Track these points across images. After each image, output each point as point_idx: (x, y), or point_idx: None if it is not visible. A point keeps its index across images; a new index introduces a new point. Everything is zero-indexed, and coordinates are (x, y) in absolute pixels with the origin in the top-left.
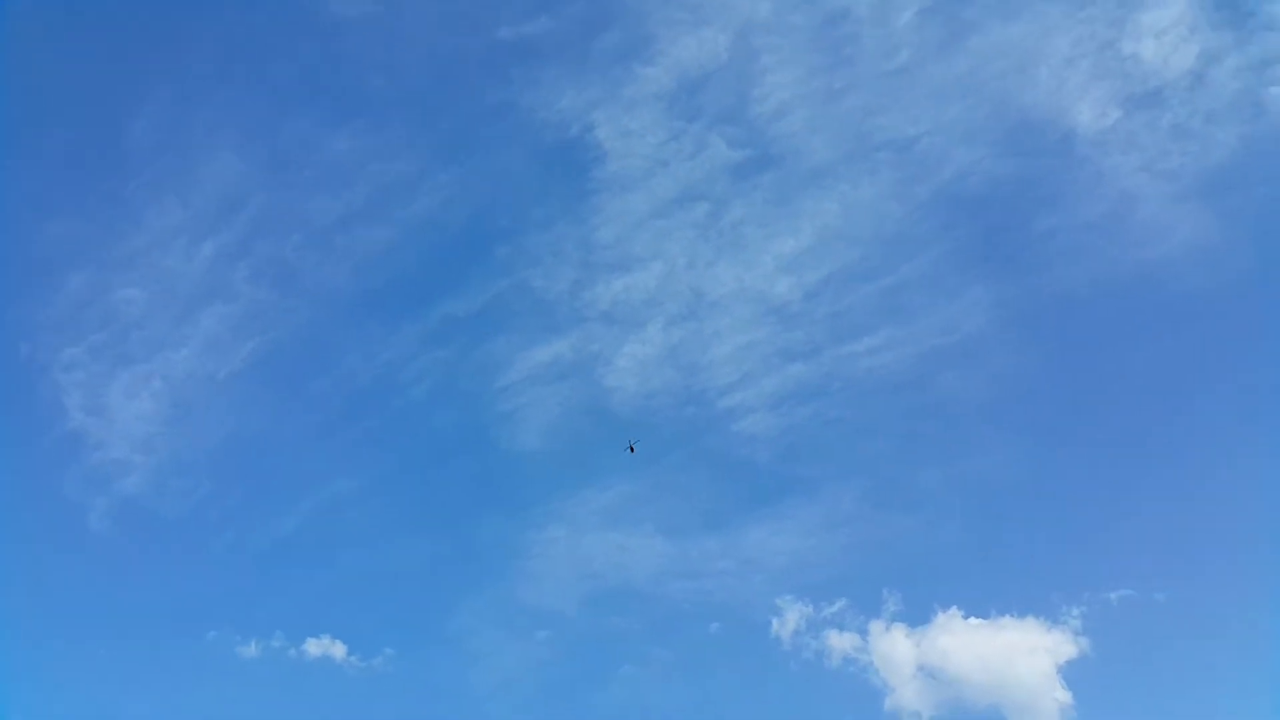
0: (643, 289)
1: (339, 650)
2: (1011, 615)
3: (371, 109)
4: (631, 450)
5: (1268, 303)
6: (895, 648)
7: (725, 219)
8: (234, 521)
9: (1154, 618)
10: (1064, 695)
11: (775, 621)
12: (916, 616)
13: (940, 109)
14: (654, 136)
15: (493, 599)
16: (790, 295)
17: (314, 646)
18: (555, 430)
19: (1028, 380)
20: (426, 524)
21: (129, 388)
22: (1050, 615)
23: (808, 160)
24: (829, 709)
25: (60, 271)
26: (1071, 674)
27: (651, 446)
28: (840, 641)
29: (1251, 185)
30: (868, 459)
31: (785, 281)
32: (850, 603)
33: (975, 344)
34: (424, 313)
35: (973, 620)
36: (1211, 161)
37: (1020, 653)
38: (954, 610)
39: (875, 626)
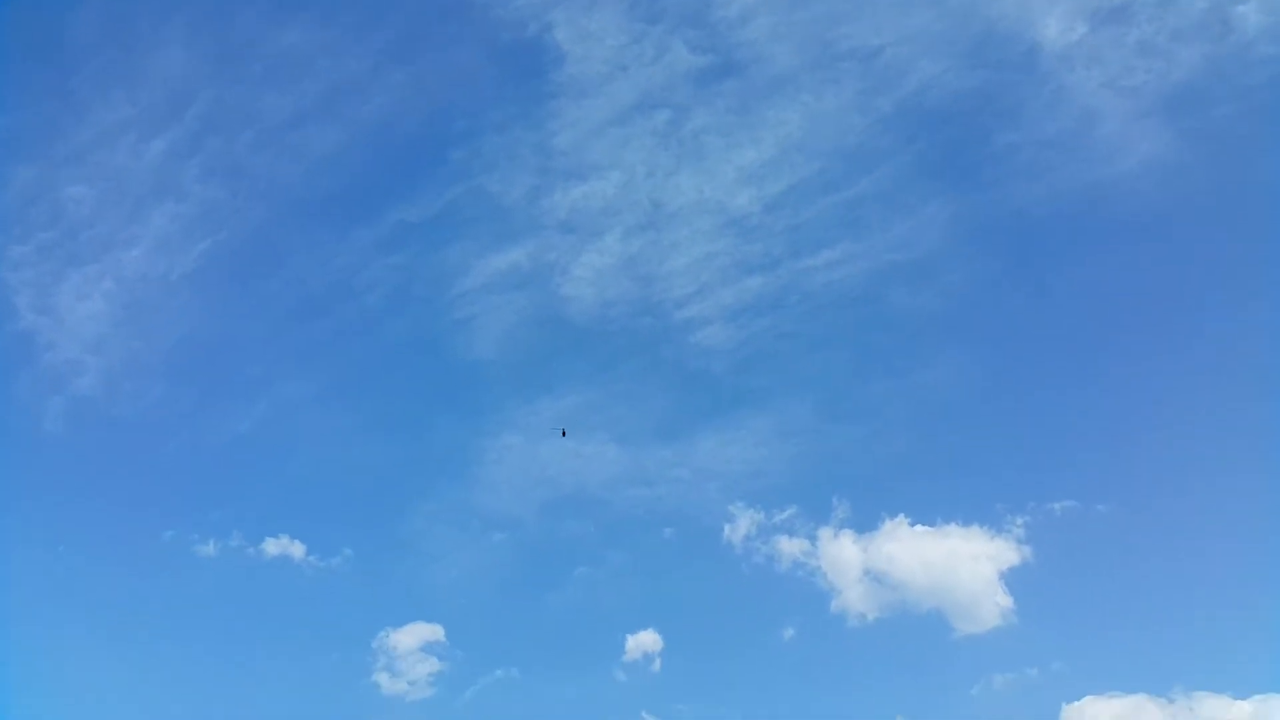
0: (601, 197)
1: (297, 550)
2: (957, 523)
3: (322, 2)
4: (564, 434)
5: (1224, 221)
6: (843, 553)
7: (686, 127)
8: (189, 422)
9: (1095, 528)
10: (1005, 600)
11: (727, 527)
12: (864, 523)
13: (906, 18)
14: (614, 39)
15: (449, 502)
16: (750, 207)
17: (272, 546)
18: (511, 338)
19: (981, 295)
20: (382, 428)
21: (79, 288)
22: (994, 524)
23: (771, 68)
24: (778, 609)
25: (5, 166)
26: (1013, 580)
27: (607, 356)
28: (790, 547)
29: (1214, 104)
30: (821, 371)
31: (745, 193)
32: (800, 510)
33: (931, 259)
34: (377, 217)
35: (919, 528)
36: (1175, 79)
37: (964, 559)
38: (901, 518)
39: (824, 533)
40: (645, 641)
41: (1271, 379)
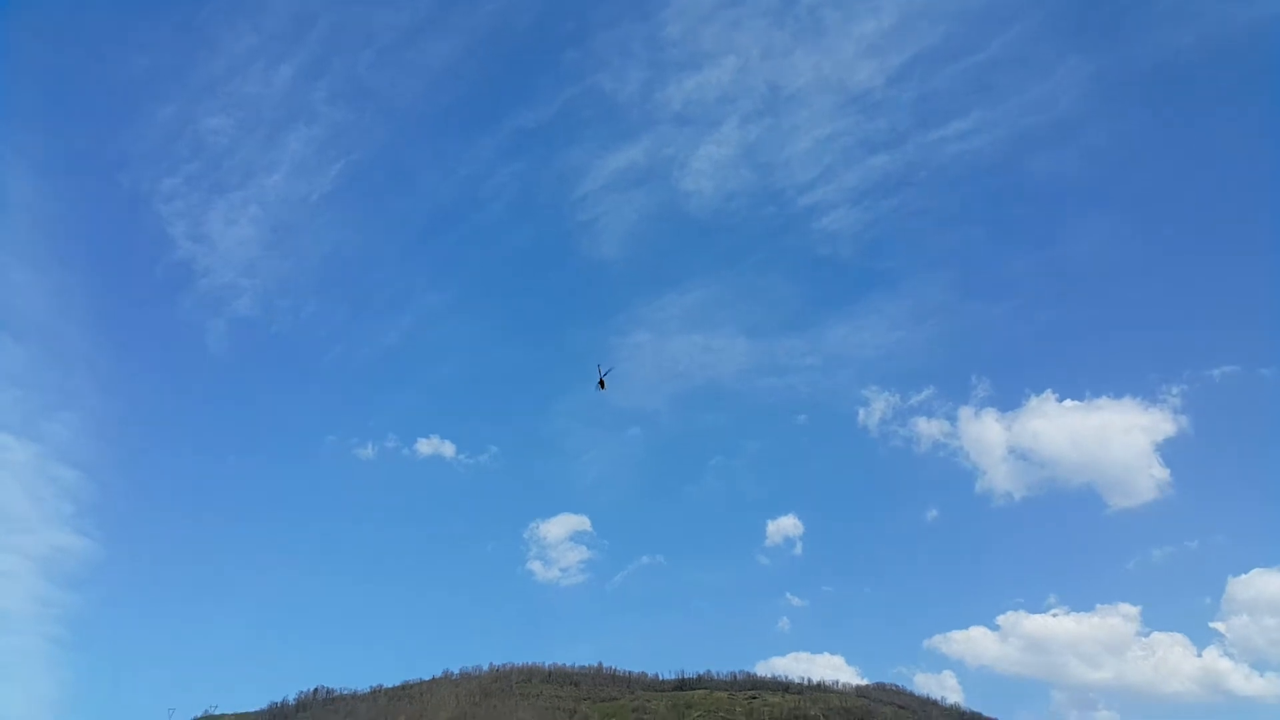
0: (716, 86)
1: (448, 449)
2: (1108, 396)
3: None
4: (601, 385)
5: None
6: (986, 432)
7: (801, 3)
8: (341, 336)
9: (1259, 393)
10: (1161, 472)
11: (862, 411)
12: (1007, 401)
13: None
14: None
15: (586, 400)
16: (872, 82)
17: (425, 446)
18: (634, 237)
19: (1127, 156)
20: (518, 331)
21: (228, 214)
22: (1148, 394)
23: None
24: (919, 492)
25: (147, 104)
26: (1170, 451)
27: (731, 249)
28: (929, 428)
29: None
30: (955, 248)
31: (867, 67)
32: (938, 390)
33: (1071, 120)
34: (497, 125)
35: (1067, 402)
36: None
37: (1115, 432)
38: (1047, 393)
39: (964, 412)
40: (786, 526)
41: None
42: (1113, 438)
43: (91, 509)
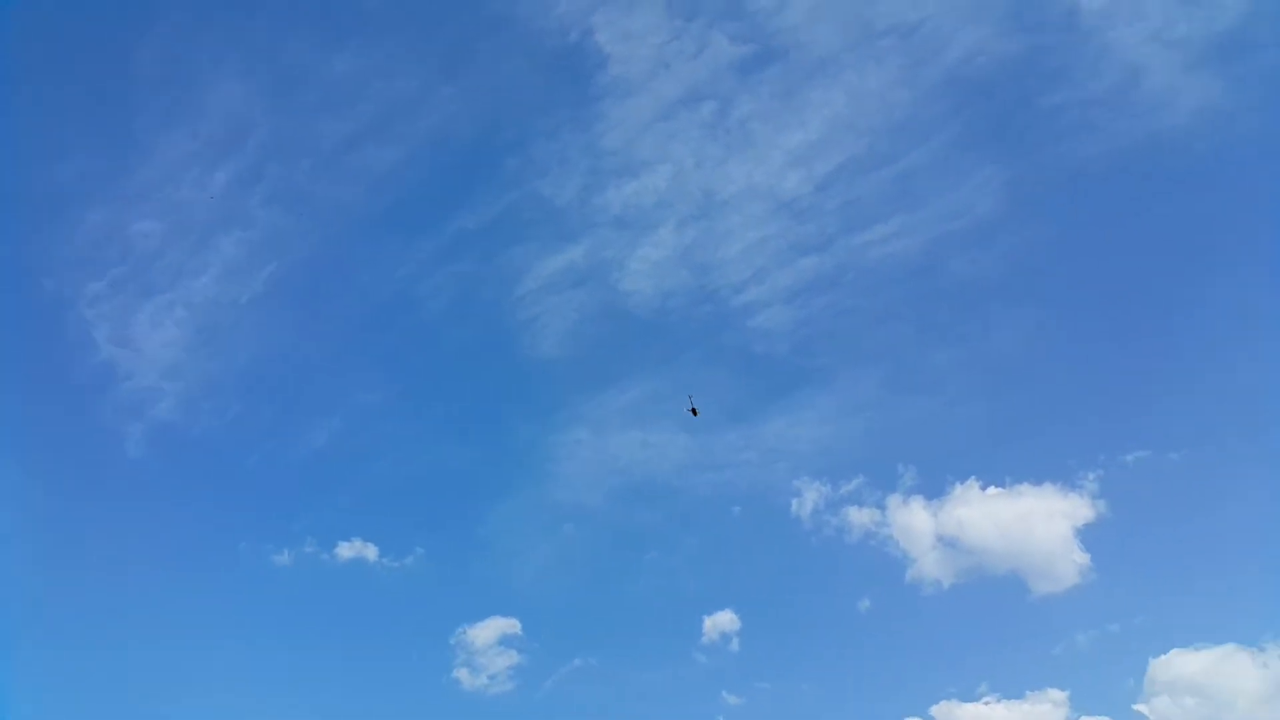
0: (652, 192)
1: (371, 552)
2: (1029, 483)
3: (370, 27)
4: (694, 412)
5: (1277, 167)
6: (914, 520)
7: (732, 116)
8: (265, 440)
9: (1170, 478)
10: (1082, 557)
11: (795, 502)
12: (934, 489)
13: None
14: (655, 37)
15: (520, 499)
16: (800, 189)
17: (345, 550)
18: (574, 336)
19: (1039, 257)
20: (453, 432)
21: (153, 317)
22: (1067, 480)
23: (812, 51)
24: (852, 581)
25: (77, 208)
26: (1089, 536)
27: (669, 346)
28: (860, 516)
29: (1260, 49)
30: (883, 345)
31: (795, 175)
32: (867, 479)
33: (986, 225)
34: (437, 228)
35: (990, 490)
36: (1219, 27)
37: (1038, 518)
38: (971, 481)
39: (893, 500)
40: (722, 622)
41: None
42: (1035, 524)
43: None
